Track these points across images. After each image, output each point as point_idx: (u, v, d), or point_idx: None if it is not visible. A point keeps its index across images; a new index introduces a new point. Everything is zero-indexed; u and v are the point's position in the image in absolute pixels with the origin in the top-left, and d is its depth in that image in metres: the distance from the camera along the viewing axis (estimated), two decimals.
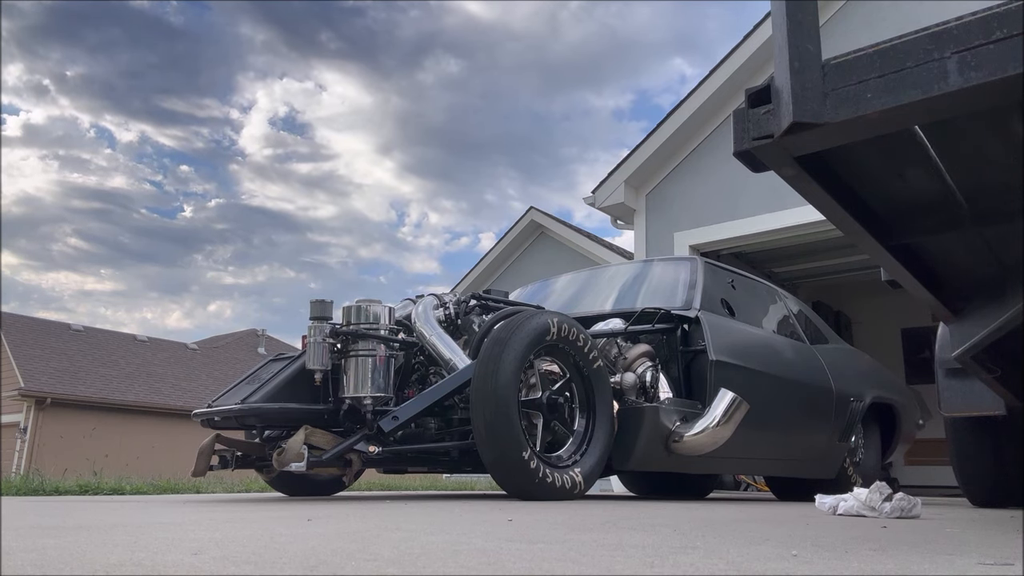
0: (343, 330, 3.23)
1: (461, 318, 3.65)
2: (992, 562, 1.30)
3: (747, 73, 7.61)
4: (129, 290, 53.39)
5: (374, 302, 3.33)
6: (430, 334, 3.40)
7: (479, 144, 69.06)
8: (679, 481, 5.22)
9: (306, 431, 3.00)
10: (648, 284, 4.30)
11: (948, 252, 2.10)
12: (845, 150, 1.57)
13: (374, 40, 52.29)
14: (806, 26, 1.35)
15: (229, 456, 3.29)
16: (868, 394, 4.82)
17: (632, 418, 3.36)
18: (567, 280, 4.78)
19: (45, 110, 42.88)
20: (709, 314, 3.86)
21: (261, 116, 51.83)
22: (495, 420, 2.82)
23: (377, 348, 3.22)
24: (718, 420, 3.38)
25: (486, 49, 58.08)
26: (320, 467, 3.05)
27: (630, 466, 3.40)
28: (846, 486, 4.49)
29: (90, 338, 22.57)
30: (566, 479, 2.97)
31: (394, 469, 3.95)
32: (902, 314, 9.46)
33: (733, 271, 4.61)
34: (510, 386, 2.87)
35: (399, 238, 66.55)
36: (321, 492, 3.74)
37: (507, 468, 2.87)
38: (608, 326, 3.78)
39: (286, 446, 2.94)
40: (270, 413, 3.13)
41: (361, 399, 3.16)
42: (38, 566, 1.05)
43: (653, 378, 3.55)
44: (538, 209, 12.97)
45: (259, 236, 56.30)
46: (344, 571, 1.04)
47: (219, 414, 3.13)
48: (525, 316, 3.13)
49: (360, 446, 3.03)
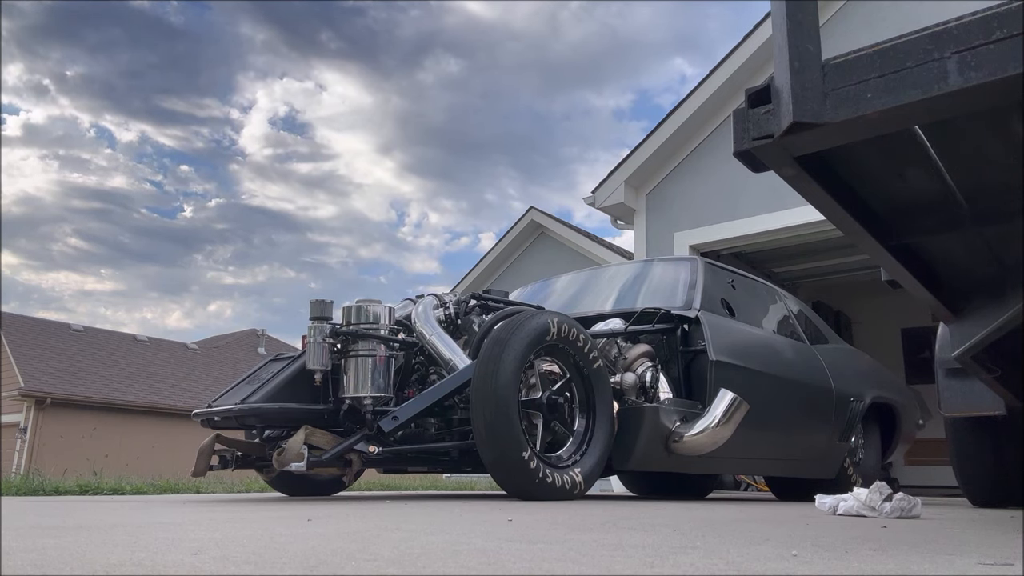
0: (343, 330, 3.23)
1: (461, 318, 3.65)
2: (992, 562, 1.30)
3: (747, 73, 7.61)
4: (129, 290, 53.43)
5: (374, 302, 3.33)
6: (430, 334, 3.40)
7: (479, 144, 69.08)
8: (679, 481, 5.21)
9: (306, 431, 3.00)
10: (648, 284, 4.30)
11: (948, 252, 2.10)
12: (845, 150, 1.57)
13: (374, 40, 52.31)
14: (806, 26, 1.35)
15: (229, 456, 3.28)
16: (868, 394, 4.82)
17: (632, 418, 3.36)
18: (567, 280, 4.79)
19: (45, 110, 42.94)
20: (709, 314, 3.86)
21: (261, 116, 51.89)
22: (495, 420, 2.82)
23: (377, 348, 3.22)
24: (718, 420, 3.38)
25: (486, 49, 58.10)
26: (320, 467, 3.05)
27: (630, 466, 3.40)
28: (846, 486, 4.49)
29: (90, 338, 22.57)
30: (566, 479, 2.97)
31: (394, 469, 3.96)
32: (902, 314, 9.46)
33: (733, 271, 4.61)
34: (510, 386, 2.87)
35: (399, 238, 66.60)
36: (321, 492, 3.74)
37: (507, 468, 2.87)
38: (608, 326, 3.78)
39: (286, 446, 2.94)
40: (270, 413, 3.12)
41: (361, 399, 3.16)
42: (38, 566, 1.05)
43: (653, 378, 3.55)
44: (538, 209, 12.99)
45: (259, 236, 56.34)
46: (344, 571, 1.04)
47: (219, 414, 3.13)
48: (525, 316, 3.12)
49: (360, 446, 3.03)
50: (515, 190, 74.72)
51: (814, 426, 4.41)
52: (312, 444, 3.00)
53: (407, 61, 55.91)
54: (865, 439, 4.98)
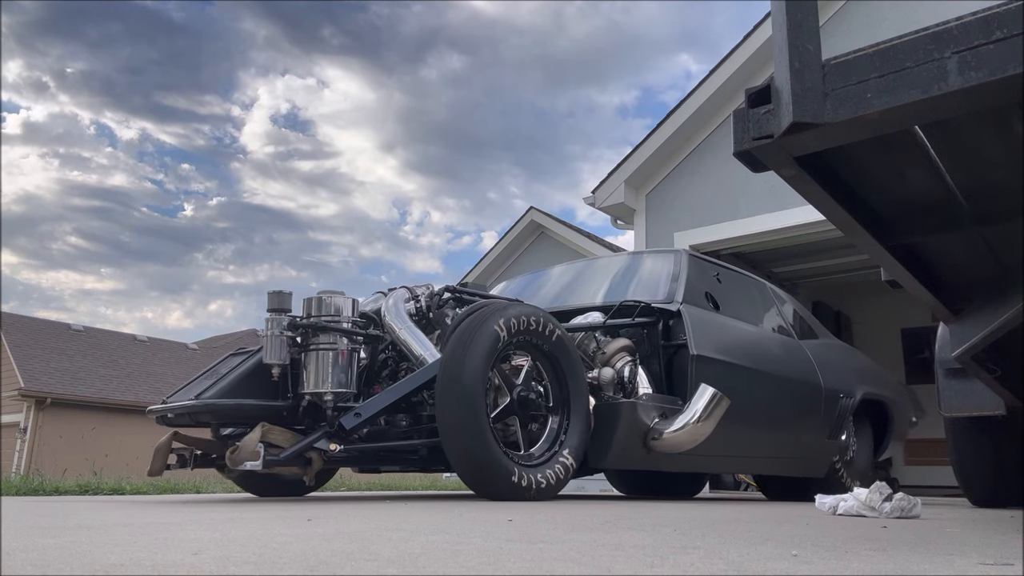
0: (302, 323, 3.08)
1: (434, 312, 3.50)
2: (992, 562, 1.30)
3: (747, 73, 7.61)
4: (129, 289, 53.46)
5: (336, 293, 3.18)
6: (400, 328, 3.28)
7: (482, 141, 69.16)
8: (668, 480, 5.13)
9: (263, 428, 2.86)
10: (632, 277, 4.20)
11: (948, 252, 2.10)
12: (845, 150, 1.57)
13: (377, 36, 52.36)
14: (806, 26, 1.35)
15: (188, 455, 3.16)
16: (858, 390, 4.73)
17: (608, 414, 3.25)
18: (556, 273, 4.69)
19: (45, 107, 42.99)
20: (691, 307, 3.76)
21: (263, 113, 51.93)
22: (461, 416, 2.72)
23: (339, 341, 3.07)
24: (698, 416, 3.27)
25: (490, 45, 58.14)
26: (278, 466, 2.90)
27: (607, 464, 3.31)
28: (837, 484, 4.45)
29: (90, 338, 22.57)
30: (537, 478, 2.86)
31: (369, 468, 3.81)
32: (902, 314, 9.47)
33: (720, 264, 4.51)
34: (477, 381, 2.76)
35: (401, 237, 66.66)
36: (291, 493, 3.60)
37: (473, 466, 2.77)
38: (588, 320, 3.68)
39: (240, 444, 2.82)
40: (225, 409, 2.97)
41: (321, 395, 3.02)
42: (38, 566, 1.05)
43: (632, 373, 3.44)
44: (538, 209, 13.07)
45: (260, 235, 56.41)
46: (344, 571, 1.04)
47: (173, 410, 2.99)
48: (494, 309, 3.00)
49: (321, 444, 2.89)
50: (518, 188, 74.82)
51: (801, 423, 4.32)
52: (270, 442, 2.85)
53: (410, 57, 55.97)
54: (857, 437, 4.90)
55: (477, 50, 58.06)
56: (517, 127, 76.41)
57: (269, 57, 50.27)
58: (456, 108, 63.31)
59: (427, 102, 57.87)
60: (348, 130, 53.01)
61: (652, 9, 75.85)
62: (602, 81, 76.04)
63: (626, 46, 73.11)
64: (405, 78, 55.63)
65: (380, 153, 55.62)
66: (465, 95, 64.09)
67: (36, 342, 20.52)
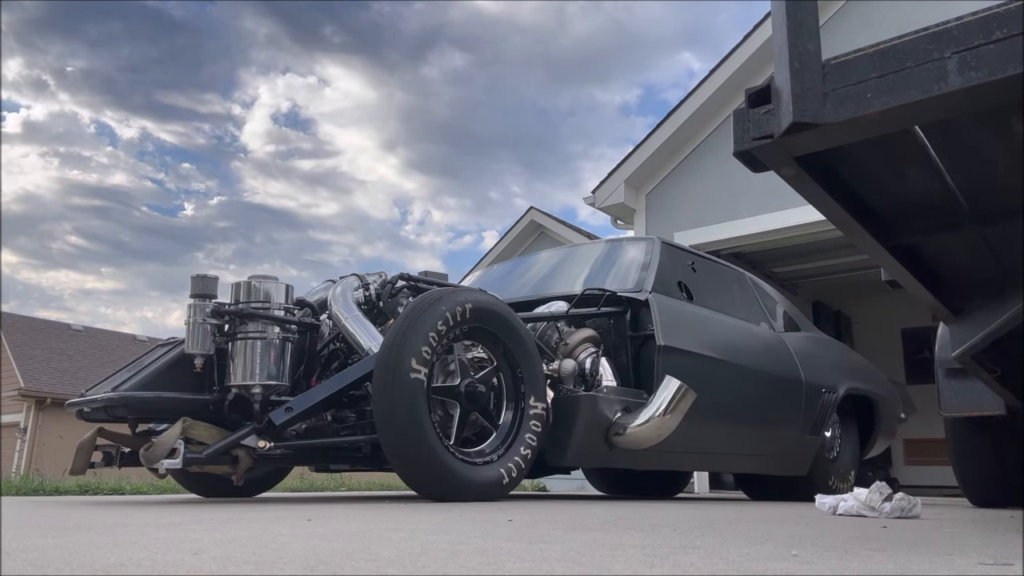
0: (227, 309, 2.89)
1: (385, 300, 3.29)
2: (992, 562, 1.30)
3: (747, 73, 7.62)
4: (130, 289, 53.45)
5: (268, 279, 2.99)
6: (346, 317, 3.07)
7: (484, 140, 69.20)
8: (651, 478, 5.03)
9: (184, 424, 2.66)
10: (608, 265, 4.03)
11: (948, 252, 2.10)
12: (845, 150, 1.57)
13: (378, 34, 52.39)
14: (806, 26, 1.35)
15: (114, 452, 2.99)
16: (842, 385, 4.55)
17: (566, 408, 3.06)
18: (533, 261, 4.54)
19: (45, 106, 43.00)
20: (660, 296, 3.59)
21: (263, 112, 51.97)
22: (396, 408, 2.53)
23: (268, 330, 2.88)
24: (663, 410, 3.07)
25: (492, 43, 58.17)
26: (201, 464, 2.70)
27: (566, 462, 3.13)
28: (821, 483, 4.31)
29: (90, 338, 22.58)
30: (485, 476, 2.69)
31: (322, 468, 3.61)
32: (902, 314, 9.48)
33: (695, 253, 4.34)
34: (415, 371, 2.57)
35: (402, 236, 66.71)
36: (241, 493, 3.40)
37: (411, 463, 2.59)
38: (551, 309, 3.51)
39: (156, 440, 2.64)
40: (143, 402, 2.76)
41: (249, 388, 2.82)
42: (38, 566, 1.05)
43: (594, 365, 3.26)
44: (538, 209, 13.14)
45: (261, 234, 56.43)
46: (344, 571, 1.04)
47: (88, 404, 2.81)
48: (439, 295, 2.78)
49: (249, 441, 2.70)
50: (519, 187, 74.88)
51: (780, 418, 4.13)
52: (192, 438, 2.66)
53: (411, 55, 56.00)
54: (842, 434, 4.72)
55: (479, 48, 58.18)
56: (519, 126, 76.52)
57: (270, 55, 50.37)
58: (457, 107, 63.45)
59: (428, 101, 57.97)
60: (349, 129, 53.10)
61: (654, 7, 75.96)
62: (604, 79, 76.13)
63: (628, 44, 73.24)
64: (406, 76, 55.74)
65: (381, 152, 55.70)
66: (467, 93, 64.22)
67: (36, 342, 20.52)
